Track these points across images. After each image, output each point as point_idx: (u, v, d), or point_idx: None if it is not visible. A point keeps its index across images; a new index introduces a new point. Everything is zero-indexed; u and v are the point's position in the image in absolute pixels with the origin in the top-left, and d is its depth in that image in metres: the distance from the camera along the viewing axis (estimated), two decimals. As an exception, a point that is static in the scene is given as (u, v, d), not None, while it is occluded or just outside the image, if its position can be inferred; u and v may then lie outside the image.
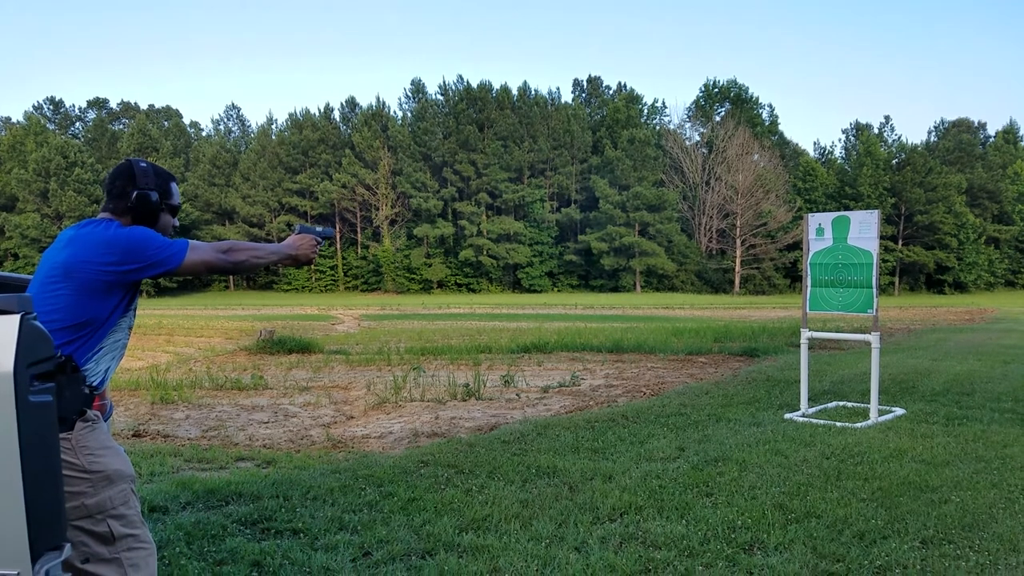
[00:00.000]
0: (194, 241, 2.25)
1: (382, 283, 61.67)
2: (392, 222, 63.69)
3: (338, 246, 64.64)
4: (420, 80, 68.02)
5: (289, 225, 62.52)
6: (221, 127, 72.64)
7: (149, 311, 34.68)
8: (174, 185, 2.39)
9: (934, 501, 3.90)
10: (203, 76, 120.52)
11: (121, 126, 71.51)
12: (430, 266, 61.39)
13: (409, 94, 68.25)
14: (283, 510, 3.80)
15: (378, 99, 67.98)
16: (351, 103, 68.70)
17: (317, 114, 66.53)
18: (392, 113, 67.14)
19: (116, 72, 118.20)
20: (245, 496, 4.09)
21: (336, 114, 68.20)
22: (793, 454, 4.97)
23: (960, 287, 65.36)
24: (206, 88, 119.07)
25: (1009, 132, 77.01)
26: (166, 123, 73.09)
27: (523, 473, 4.45)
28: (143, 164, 2.32)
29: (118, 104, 73.81)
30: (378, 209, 62.84)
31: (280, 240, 2.73)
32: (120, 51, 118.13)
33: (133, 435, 6.16)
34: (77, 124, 72.05)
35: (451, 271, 62.48)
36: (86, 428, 2.03)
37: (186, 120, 75.79)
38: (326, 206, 62.86)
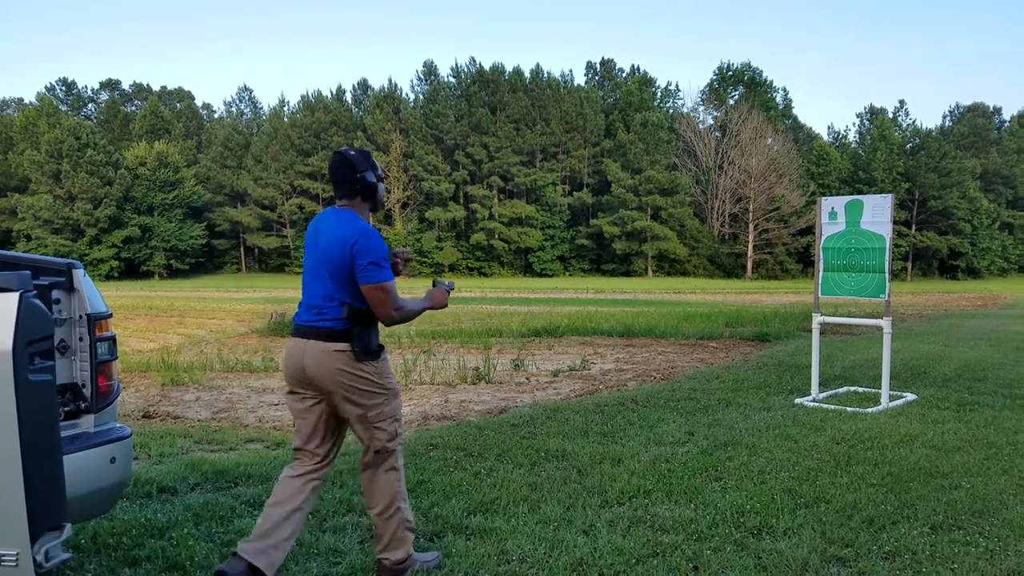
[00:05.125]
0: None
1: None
2: (404, 205, 63.66)
3: (349, 229, 64.57)
4: (432, 62, 67.75)
5: (301, 207, 62.77)
6: (233, 109, 72.57)
7: (161, 292, 35.03)
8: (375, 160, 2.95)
9: (944, 487, 3.89)
10: (215, 58, 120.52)
11: (134, 108, 71.70)
12: (441, 249, 61.42)
13: (421, 76, 67.95)
14: None
15: (390, 81, 67.87)
16: (363, 85, 68.50)
17: (329, 96, 66.34)
18: (404, 95, 66.88)
19: (129, 54, 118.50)
20: (254, 477, 4.12)
21: (348, 96, 68.05)
22: (803, 439, 4.96)
23: (973, 273, 64.75)
24: (218, 70, 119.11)
25: (1025, 116, 75.84)
26: (178, 105, 73.16)
27: (532, 456, 4.46)
28: (352, 152, 2.86)
29: (130, 85, 74.00)
30: (390, 192, 62.78)
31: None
32: (133, 33, 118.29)
33: (143, 416, 6.19)
34: (90, 105, 72.26)
35: (463, 255, 62.47)
36: (383, 360, 2.80)
37: (198, 102, 75.98)
38: (337, 189, 62.76)
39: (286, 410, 6.40)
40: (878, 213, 6.40)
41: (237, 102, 73.29)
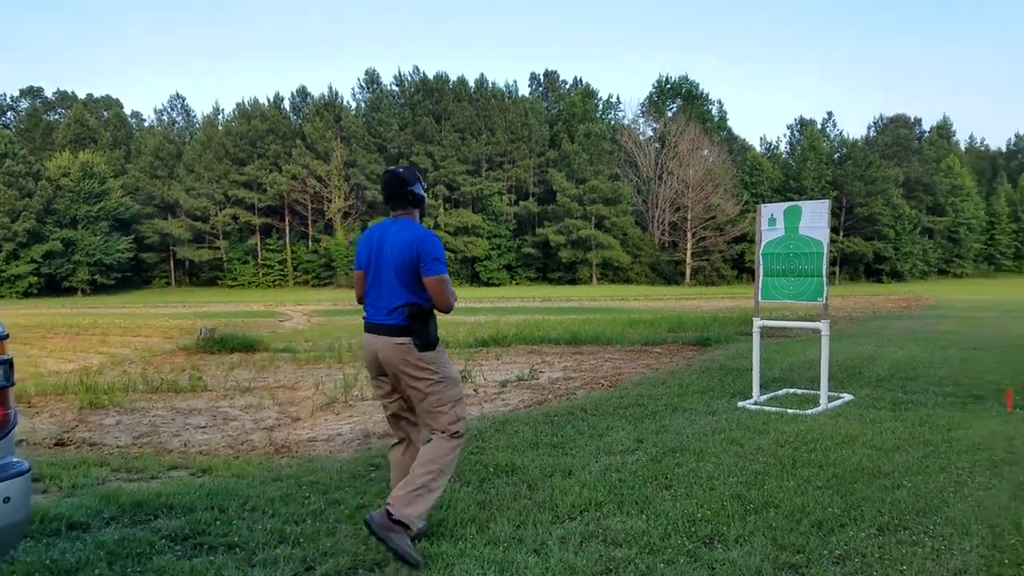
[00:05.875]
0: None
1: (335, 277, 60.57)
2: (345, 215, 62.61)
3: (287, 239, 63.30)
4: (375, 70, 67.11)
5: (235, 218, 61.04)
6: (164, 117, 70.25)
7: (84, 309, 33.31)
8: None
9: (887, 487, 3.94)
10: (146, 65, 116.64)
11: (57, 116, 68.58)
12: (384, 260, 60.56)
13: (363, 84, 67.20)
14: (218, 523, 3.52)
15: (330, 89, 66.66)
16: (302, 93, 67.27)
17: (266, 104, 64.88)
18: (345, 103, 65.97)
19: (52, 60, 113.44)
20: (176, 509, 3.76)
21: (286, 104, 66.68)
22: (748, 442, 4.99)
23: (897, 276, 67.83)
24: (149, 77, 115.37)
25: (943, 127, 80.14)
26: (105, 113, 70.33)
27: (480, 472, 4.33)
28: (401, 169, 3.34)
29: (53, 93, 70.83)
30: (331, 201, 61.70)
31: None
32: (57, 38, 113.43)
33: (56, 444, 5.68)
34: (9, 114, 68.84)
35: (406, 265, 61.75)
36: (441, 351, 3.25)
37: (127, 110, 73.27)
38: (275, 198, 61.39)
39: (213, 433, 6.07)
40: (816, 218, 6.54)
41: (169, 110, 70.99)
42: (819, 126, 75.20)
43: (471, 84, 65.25)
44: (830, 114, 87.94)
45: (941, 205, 71.99)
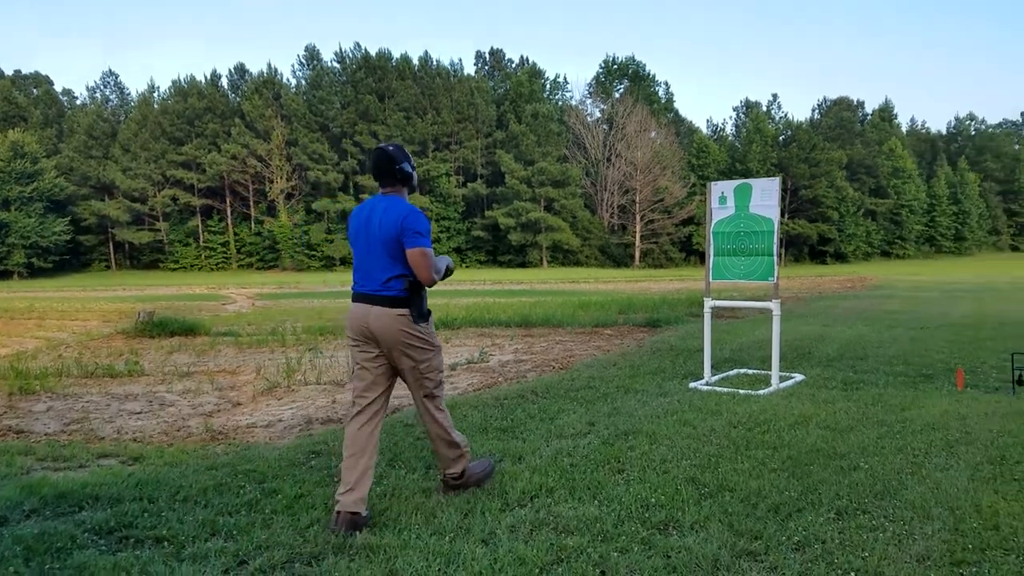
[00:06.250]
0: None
1: (279, 260, 59.22)
2: (288, 196, 61.10)
3: (229, 220, 61.49)
4: (315, 47, 65.37)
5: (175, 199, 59.05)
6: (97, 95, 67.07)
7: (21, 293, 31.74)
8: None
9: (844, 468, 3.87)
10: (76, 41, 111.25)
11: (-19, 92, 64.88)
12: (331, 242, 59.41)
13: (303, 61, 65.36)
14: (147, 515, 3.30)
15: (269, 66, 64.53)
16: (240, 70, 65.14)
17: (203, 81, 62.63)
18: (285, 81, 64.15)
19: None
20: (103, 500, 3.52)
21: (224, 81, 64.51)
22: (701, 424, 4.89)
23: (841, 257, 69.77)
24: (80, 54, 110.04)
25: (885, 110, 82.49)
26: (35, 91, 67.09)
27: (427, 459, 4.11)
28: (391, 147, 3.44)
29: (-23, 69, 66.98)
30: (272, 182, 60.08)
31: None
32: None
33: None
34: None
35: (354, 247, 60.74)
36: (431, 321, 3.45)
37: (58, 87, 69.98)
38: (215, 179, 59.48)
39: (149, 419, 5.75)
40: (766, 196, 6.46)
41: (101, 87, 67.80)
42: (764, 108, 76.50)
43: (415, 62, 64.15)
44: (775, 96, 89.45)
45: (883, 187, 74.12)
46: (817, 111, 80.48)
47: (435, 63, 65.34)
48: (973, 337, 9.39)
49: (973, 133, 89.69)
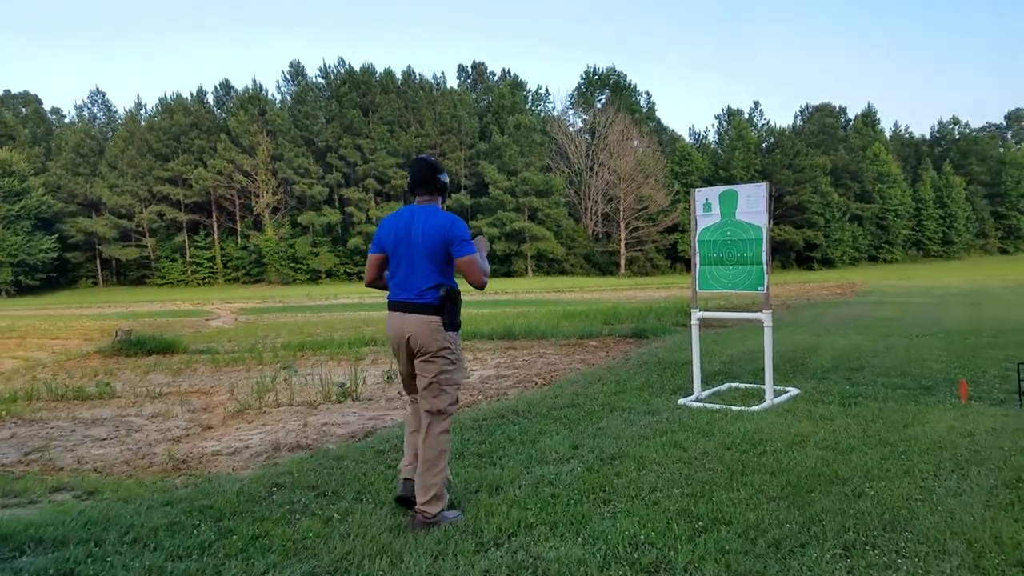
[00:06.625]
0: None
1: (265, 274, 58.71)
2: (274, 210, 60.70)
3: (215, 235, 60.97)
4: (299, 63, 65.18)
5: (161, 215, 58.52)
6: (85, 113, 66.85)
7: (6, 311, 31.05)
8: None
9: (848, 495, 3.58)
10: (65, 60, 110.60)
11: (-32, 112, 64.31)
12: (317, 255, 59.02)
13: (288, 77, 65.30)
14: (91, 560, 2.98)
15: (254, 82, 64.74)
16: (225, 86, 64.95)
17: (189, 98, 62.40)
18: (270, 96, 63.95)
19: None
20: (47, 542, 3.19)
21: (210, 98, 64.36)
22: (692, 446, 4.60)
23: (828, 263, 69.91)
24: (68, 72, 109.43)
25: (867, 116, 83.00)
26: (24, 109, 66.70)
27: (396, 489, 3.78)
28: (432, 158, 3.61)
29: (-34, 89, 66.37)
30: (258, 196, 59.66)
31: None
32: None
33: None
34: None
35: (340, 260, 60.34)
36: (459, 335, 3.48)
37: (46, 106, 69.57)
38: (201, 194, 59.04)
39: (113, 446, 5.42)
40: (752, 203, 6.22)
41: (89, 106, 67.62)
42: (746, 116, 76.85)
43: (398, 76, 64.08)
44: (757, 103, 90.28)
45: (869, 192, 74.42)
46: (800, 117, 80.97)
47: (418, 77, 65.37)
48: (971, 345, 9.16)
49: (957, 137, 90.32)
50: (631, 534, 3.14)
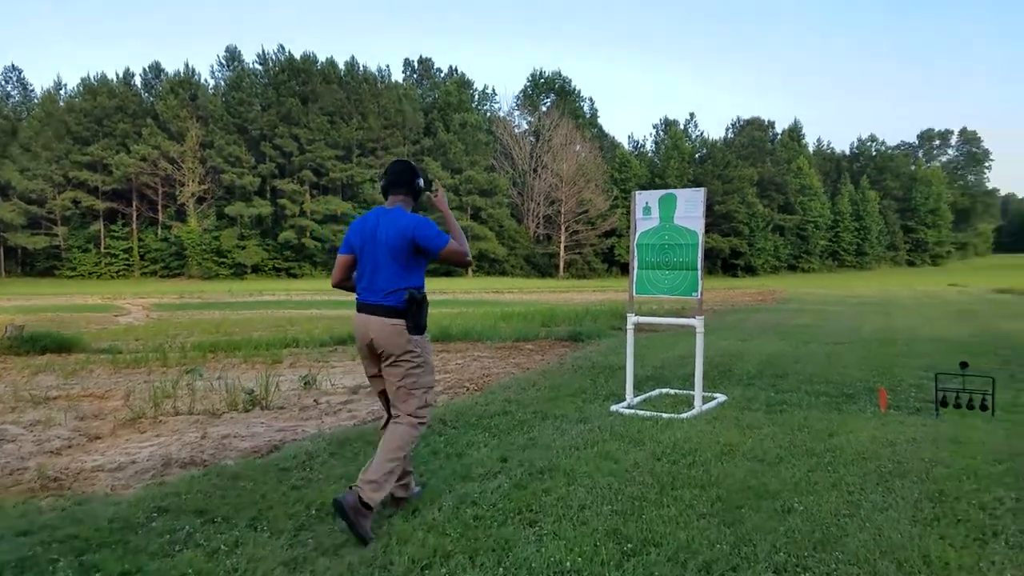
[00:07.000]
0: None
1: (186, 268, 56.30)
2: (200, 200, 58.31)
3: (134, 225, 58.15)
4: (236, 47, 62.89)
5: (76, 202, 55.26)
6: (-1, 91, 62.67)
7: None
8: None
9: (777, 511, 3.46)
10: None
11: None
12: (244, 248, 56.98)
13: (223, 62, 62.78)
14: None
15: (187, 66, 61.71)
16: (155, 69, 62.12)
17: (115, 80, 59.30)
18: (203, 81, 61.39)
19: None
20: None
21: (137, 80, 61.35)
22: (623, 457, 4.43)
23: (751, 270, 72.25)
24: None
25: (794, 130, 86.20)
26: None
27: (299, 516, 3.44)
28: (411, 162, 3.74)
29: None
30: (184, 185, 57.21)
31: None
32: None
33: None
34: None
35: (269, 254, 58.45)
36: (426, 337, 3.53)
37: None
38: (121, 181, 56.17)
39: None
40: (691, 208, 6.13)
41: (3, 83, 63.36)
42: (682, 126, 78.68)
43: (341, 66, 62.66)
44: (692, 115, 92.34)
45: (791, 204, 77.37)
46: (731, 130, 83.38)
47: (362, 68, 64.01)
48: (887, 353, 9.38)
49: (874, 154, 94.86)
50: (556, 560, 2.92)
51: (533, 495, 3.71)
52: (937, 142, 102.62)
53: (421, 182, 3.60)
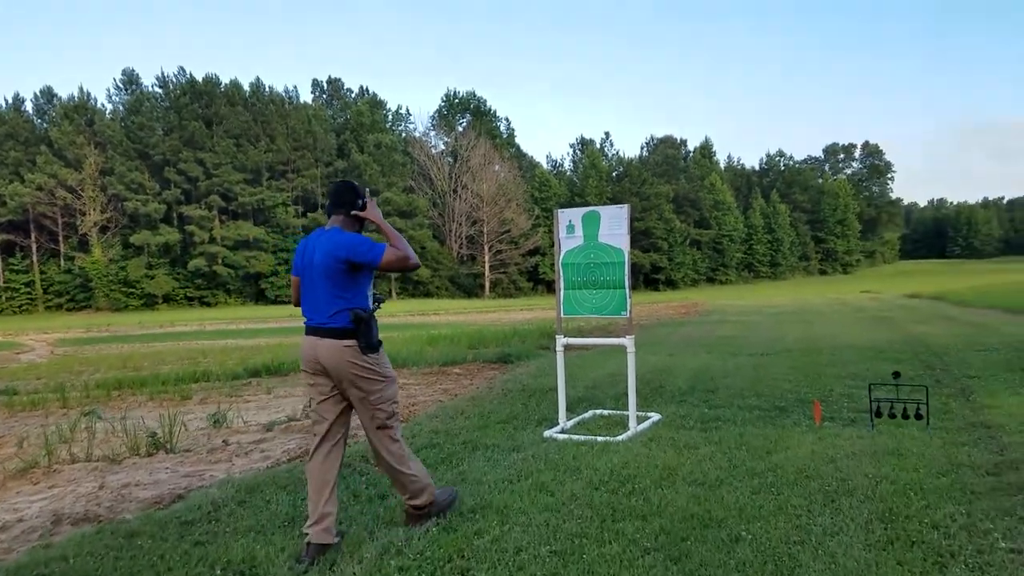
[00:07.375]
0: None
1: (93, 300, 53.20)
2: (103, 229, 55.35)
3: (34, 258, 54.62)
4: (133, 70, 60.22)
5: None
6: None
7: None
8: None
9: (724, 541, 3.27)
10: None
11: None
12: (153, 278, 54.34)
13: (120, 85, 60.05)
14: None
15: (81, 90, 58.70)
16: (47, 93, 58.78)
17: (4, 106, 55.85)
18: (99, 106, 58.50)
19: None
20: None
21: (28, 106, 57.95)
22: (559, 489, 4.18)
23: (672, 284, 74.29)
24: None
25: (705, 148, 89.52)
26: None
27: (200, 575, 3.03)
28: (354, 182, 3.68)
29: None
30: (84, 214, 54.19)
31: None
32: None
33: None
34: None
35: (179, 283, 55.94)
36: (382, 352, 3.47)
37: None
38: (17, 212, 52.72)
39: None
40: (615, 225, 6.01)
41: None
42: (599, 145, 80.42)
43: (246, 88, 61.01)
44: (607, 134, 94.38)
45: (707, 219, 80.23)
46: (646, 148, 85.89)
47: (268, 90, 62.48)
48: (814, 363, 9.52)
49: (783, 168, 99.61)
50: (493, 614, 2.62)
51: (464, 539, 3.41)
52: (842, 155, 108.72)
53: (361, 203, 3.52)
